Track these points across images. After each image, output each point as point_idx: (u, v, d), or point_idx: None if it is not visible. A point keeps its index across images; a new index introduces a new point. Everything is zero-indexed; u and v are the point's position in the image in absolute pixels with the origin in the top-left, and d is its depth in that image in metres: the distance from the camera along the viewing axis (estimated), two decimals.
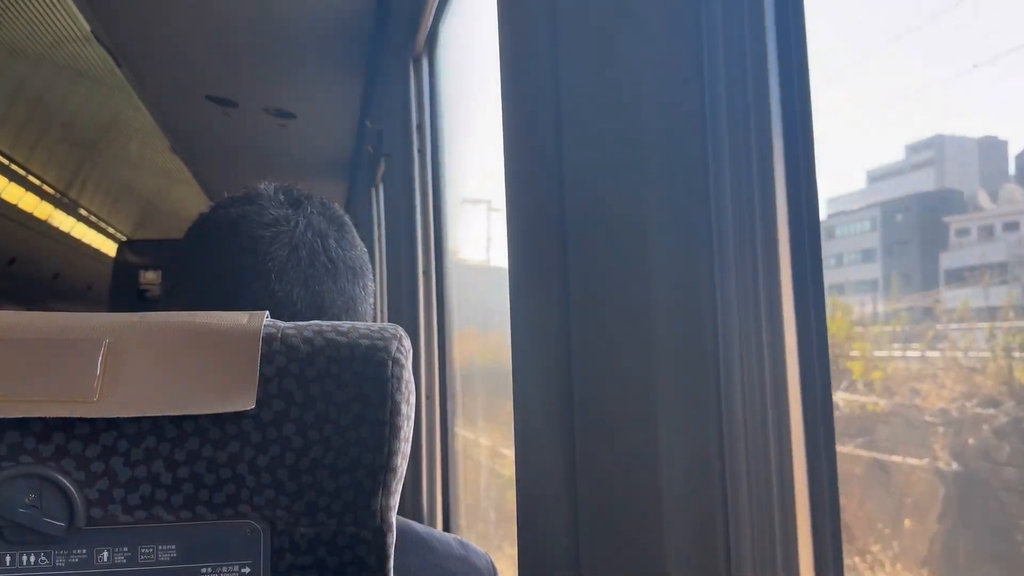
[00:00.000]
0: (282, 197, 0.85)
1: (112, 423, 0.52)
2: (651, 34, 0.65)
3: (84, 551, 0.51)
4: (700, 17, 0.64)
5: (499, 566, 0.90)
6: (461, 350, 2.26)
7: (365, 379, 0.55)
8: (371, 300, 0.89)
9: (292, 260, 0.80)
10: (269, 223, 0.81)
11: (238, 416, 0.53)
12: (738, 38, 0.64)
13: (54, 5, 4.30)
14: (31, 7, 4.35)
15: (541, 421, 0.79)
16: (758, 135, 0.63)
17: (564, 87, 0.75)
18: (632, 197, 0.65)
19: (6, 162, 7.12)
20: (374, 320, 0.88)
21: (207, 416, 0.53)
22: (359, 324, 0.58)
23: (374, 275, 0.91)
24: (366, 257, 0.89)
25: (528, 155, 0.83)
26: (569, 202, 0.74)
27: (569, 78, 0.74)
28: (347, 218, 0.89)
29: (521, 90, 0.85)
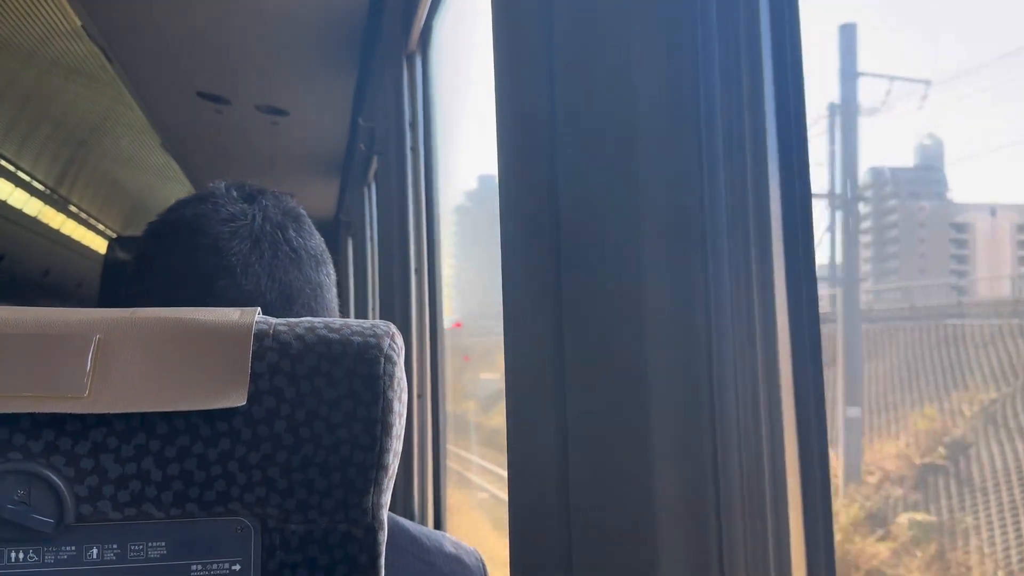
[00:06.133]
0: (235, 193, 0.85)
1: (102, 419, 0.51)
2: (646, 28, 0.65)
3: (73, 548, 0.51)
4: (695, 11, 0.64)
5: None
6: None
7: (357, 376, 0.55)
8: (335, 288, 0.89)
9: (255, 253, 0.80)
10: (227, 219, 0.81)
11: (229, 413, 0.53)
12: (733, 33, 0.64)
13: None
14: (20, 0, 4.32)
15: (534, 420, 0.79)
16: (752, 130, 0.63)
17: (558, 81, 0.75)
18: (626, 192, 0.65)
19: None
20: (342, 309, 0.88)
21: (198, 413, 0.52)
22: (351, 321, 0.58)
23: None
24: (324, 245, 0.89)
25: (521, 150, 0.83)
26: (563, 197, 0.74)
27: (563, 72, 0.74)
28: (302, 209, 0.89)
29: (515, 84, 0.85)
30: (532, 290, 0.80)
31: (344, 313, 0.86)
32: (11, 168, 7.48)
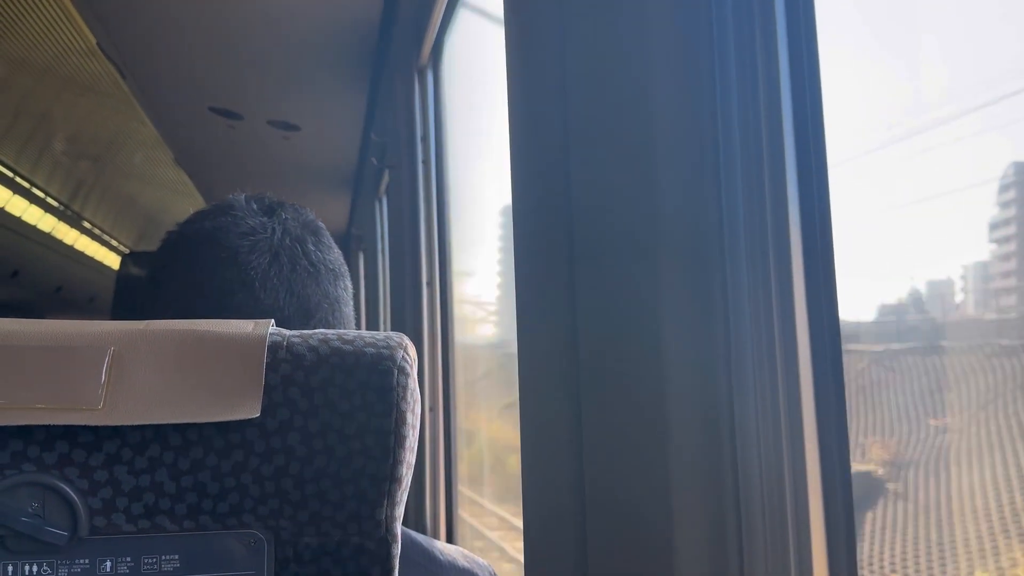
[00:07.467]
0: (255, 206, 0.85)
1: (116, 431, 0.51)
2: (661, 36, 0.65)
3: (87, 561, 0.50)
4: (711, 18, 0.64)
5: None
6: None
7: (370, 388, 0.55)
8: (351, 302, 0.89)
9: (274, 267, 0.80)
10: (246, 232, 0.81)
11: (242, 425, 0.53)
12: (749, 38, 0.64)
13: (60, 18, 4.32)
14: (37, 19, 4.37)
15: (549, 428, 0.79)
16: (769, 137, 0.63)
17: (572, 90, 0.75)
18: (641, 201, 0.65)
19: (10, 175, 7.14)
20: (358, 322, 0.88)
21: (211, 425, 0.52)
22: (365, 333, 0.58)
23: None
24: (342, 259, 0.89)
25: (535, 159, 0.83)
26: (577, 206, 0.73)
27: (577, 81, 0.74)
28: (320, 223, 0.89)
29: (528, 94, 0.85)
30: (546, 302, 0.80)
31: (356, 327, 0.86)
32: (26, 184, 7.55)
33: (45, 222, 8.54)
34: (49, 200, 8.20)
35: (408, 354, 0.57)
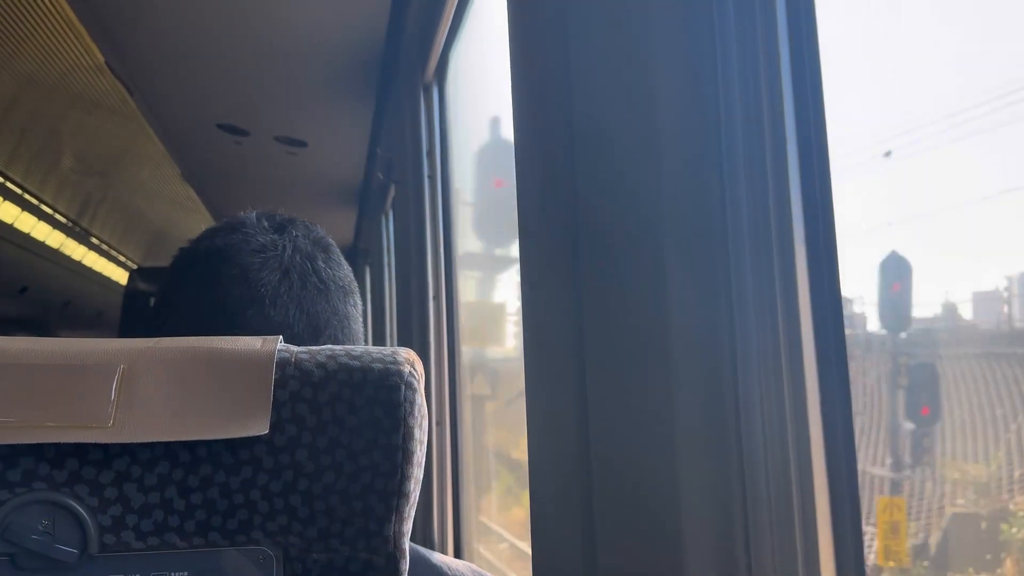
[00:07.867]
0: (266, 223, 0.86)
1: (126, 449, 0.51)
2: (664, 36, 0.65)
3: None
4: (713, 18, 0.65)
5: None
6: None
7: (378, 403, 0.55)
8: (361, 319, 0.89)
9: (284, 284, 0.80)
10: (257, 249, 0.82)
11: (251, 441, 0.53)
12: (751, 37, 0.65)
13: (69, 36, 4.36)
14: (46, 38, 4.41)
15: (555, 429, 0.79)
16: (772, 133, 0.63)
17: (576, 90, 0.75)
18: (646, 200, 0.66)
19: (19, 191, 7.18)
20: (365, 338, 0.88)
21: (220, 441, 0.53)
22: (372, 348, 0.58)
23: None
24: (352, 275, 0.89)
25: (540, 155, 0.83)
26: (582, 201, 0.74)
27: (581, 81, 0.75)
28: (330, 239, 0.90)
29: (532, 94, 0.86)
30: (552, 297, 0.80)
31: (364, 343, 0.87)
32: (34, 201, 7.59)
33: (53, 238, 8.59)
34: (57, 216, 8.24)
35: (415, 369, 0.58)
